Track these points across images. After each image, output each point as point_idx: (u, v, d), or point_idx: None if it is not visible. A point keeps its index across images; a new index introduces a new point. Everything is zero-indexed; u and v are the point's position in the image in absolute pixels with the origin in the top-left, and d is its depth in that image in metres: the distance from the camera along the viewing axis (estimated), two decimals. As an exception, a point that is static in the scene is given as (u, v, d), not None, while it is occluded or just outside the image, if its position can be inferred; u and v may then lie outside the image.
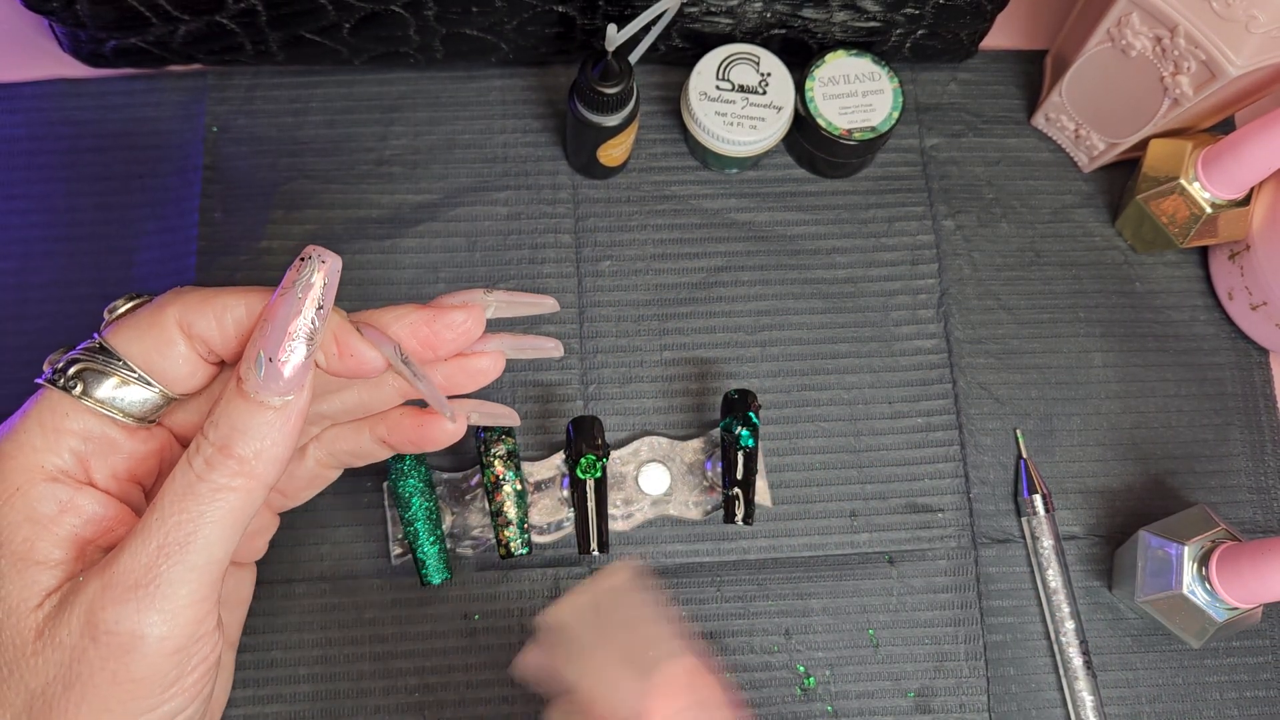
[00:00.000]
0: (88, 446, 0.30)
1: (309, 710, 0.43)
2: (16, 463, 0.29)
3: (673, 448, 0.46)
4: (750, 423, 0.42)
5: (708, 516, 0.45)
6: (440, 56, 0.48)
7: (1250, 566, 0.40)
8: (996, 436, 0.48)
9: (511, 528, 0.41)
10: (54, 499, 0.29)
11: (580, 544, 0.41)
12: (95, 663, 0.27)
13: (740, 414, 0.42)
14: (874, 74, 0.47)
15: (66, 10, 0.43)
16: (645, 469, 0.45)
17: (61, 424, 0.30)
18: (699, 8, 0.46)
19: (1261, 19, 0.38)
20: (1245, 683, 0.45)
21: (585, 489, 0.41)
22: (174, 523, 0.27)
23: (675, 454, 0.46)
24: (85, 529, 0.29)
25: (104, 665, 0.27)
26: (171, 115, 0.49)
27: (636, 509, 0.45)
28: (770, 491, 0.46)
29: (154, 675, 0.27)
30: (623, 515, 0.45)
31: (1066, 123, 0.50)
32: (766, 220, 0.50)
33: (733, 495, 0.41)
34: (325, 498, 0.45)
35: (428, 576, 0.41)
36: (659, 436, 0.46)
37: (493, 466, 0.41)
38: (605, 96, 0.42)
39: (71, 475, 0.30)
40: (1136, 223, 0.49)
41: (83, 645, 0.27)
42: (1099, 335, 0.49)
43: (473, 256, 0.48)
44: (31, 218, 0.48)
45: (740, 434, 0.42)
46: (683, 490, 0.45)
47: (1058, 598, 0.45)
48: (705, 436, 0.46)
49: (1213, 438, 0.48)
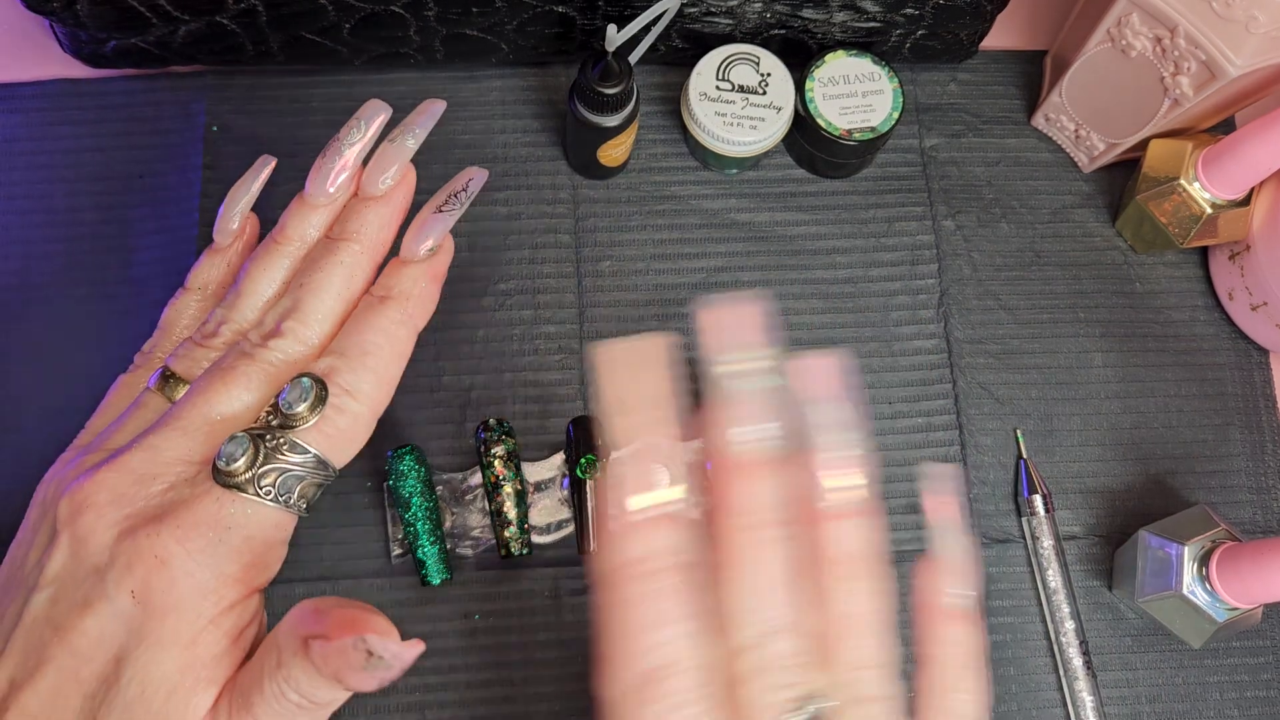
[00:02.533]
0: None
1: (309, 710, 0.43)
2: (257, 601, 0.30)
3: (673, 448, 0.46)
4: (591, 463, 0.42)
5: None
6: (440, 57, 0.48)
7: (1250, 567, 0.40)
8: (996, 436, 0.48)
9: (511, 528, 0.41)
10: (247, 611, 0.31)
11: (580, 544, 0.41)
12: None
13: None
14: (874, 74, 0.47)
15: (67, 10, 0.43)
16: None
17: (285, 538, 0.31)
18: (699, 8, 0.46)
19: (1261, 19, 0.38)
20: (1245, 683, 0.45)
21: (585, 489, 0.41)
22: None
23: (675, 454, 0.46)
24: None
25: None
26: (172, 115, 0.49)
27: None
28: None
29: None
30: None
31: (1066, 123, 0.50)
32: (766, 220, 0.50)
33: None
34: (325, 498, 0.45)
35: (428, 577, 0.41)
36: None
37: (493, 467, 0.41)
38: (605, 97, 0.42)
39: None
40: (1136, 223, 0.49)
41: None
42: (1099, 335, 0.49)
43: (472, 256, 0.48)
44: (32, 217, 0.48)
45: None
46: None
47: (1058, 598, 0.45)
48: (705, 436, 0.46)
49: (1213, 438, 0.48)
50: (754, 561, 0.26)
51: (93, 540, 0.29)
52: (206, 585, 0.28)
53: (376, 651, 0.26)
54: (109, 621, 0.28)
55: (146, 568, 0.28)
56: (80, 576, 0.29)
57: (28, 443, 0.45)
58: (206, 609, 0.29)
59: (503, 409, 0.46)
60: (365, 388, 0.32)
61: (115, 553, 0.29)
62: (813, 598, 0.26)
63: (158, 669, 0.28)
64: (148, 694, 0.28)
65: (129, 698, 0.28)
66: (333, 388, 0.31)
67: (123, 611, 0.28)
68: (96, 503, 0.30)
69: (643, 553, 0.26)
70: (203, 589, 0.28)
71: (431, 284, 0.34)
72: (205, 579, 0.28)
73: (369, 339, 0.32)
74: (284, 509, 0.30)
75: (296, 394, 0.30)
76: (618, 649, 0.25)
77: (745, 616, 0.25)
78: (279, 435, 0.30)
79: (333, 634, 0.27)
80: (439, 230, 0.34)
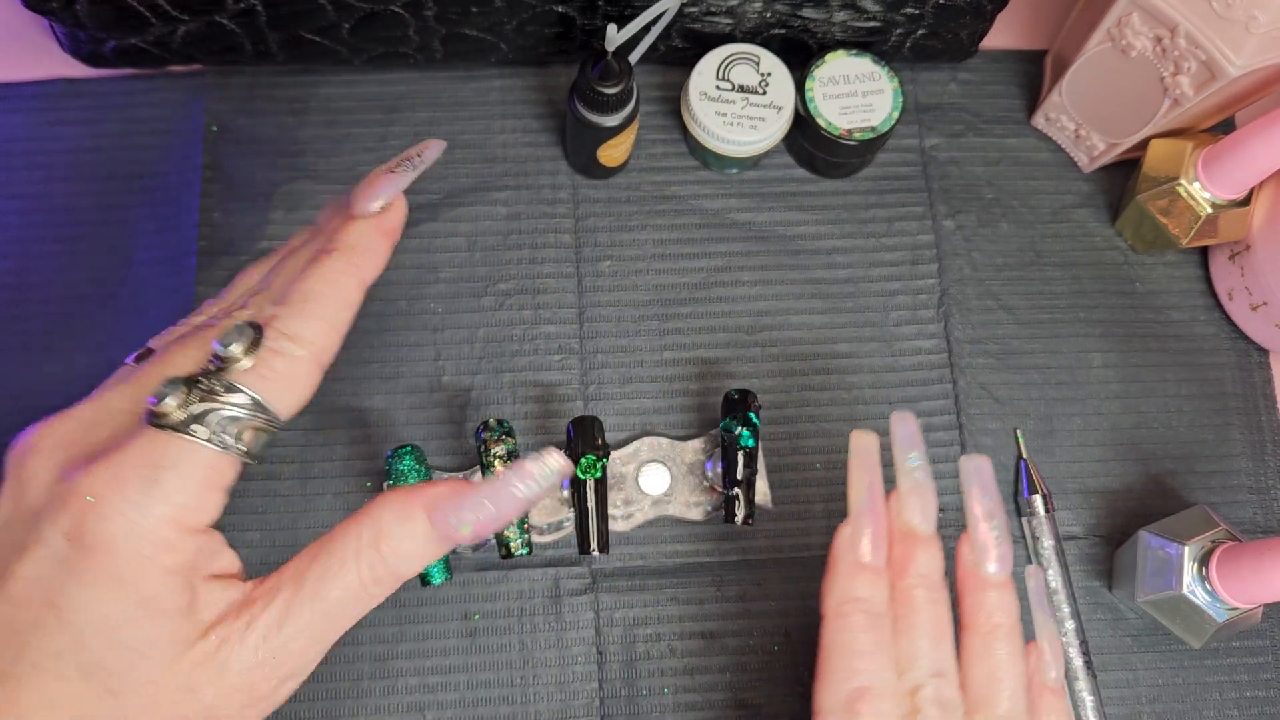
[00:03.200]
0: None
1: (308, 711, 0.43)
2: (199, 540, 0.31)
3: (673, 448, 0.46)
4: (750, 423, 0.42)
5: (708, 517, 0.45)
6: (440, 56, 0.48)
7: (1250, 566, 0.40)
8: (996, 437, 0.48)
9: (512, 528, 0.41)
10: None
11: (580, 544, 0.41)
12: None
13: (740, 414, 0.42)
14: (874, 74, 0.47)
15: (66, 10, 0.43)
16: (645, 469, 0.45)
17: (223, 483, 0.31)
18: (699, 8, 0.46)
19: (1261, 19, 0.38)
20: (1245, 683, 0.45)
21: (585, 489, 0.41)
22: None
23: (676, 454, 0.46)
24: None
25: None
26: (171, 115, 0.49)
27: (637, 509, 0.45)
28: (770, 493, 0.46)
29: None
30: (623, 515, 0.45)
31: (1066, 123, 0.50)
32: (766, 220, 0.50)
33: (733, 496, 0.41)
34: (325, 498, 0.45)
35: (429, 577, 0.41)
36: (659, 437, 0.46)
37: (492, 467, 0.41)
38: (605, 97, 0.42)
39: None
40: (1136, 223, 0.49)
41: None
42: (1099, 335, 0.49)
43: (472, 256, 0.48)
44: (31, 217, 0.48)
45: (740, 434, 0.42)
46: (683, 490, 0.45)
47: (1058, 598, 0.45)
48: (706, 436, 0.46)
49: (1213, 438, 0.48)
50: (927, 615, 0.33)
51: (33, 484, 0.30)
52: (139, 525, 0.29)
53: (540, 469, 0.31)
54: (43, 564, 0.29)
55: (80, 507, 0.28)
56: (20, 521, 0.29)
57: (27, 443, 0.45)
58: (144, 549, 0.29)
59: (503, 409, 0.46)
60: (306, 333, 0.32)
61: (52, 494, 0.29)
62: (970, 652, 0.33)
63: (100, 608, 0.28)
64: (98, 633, 0.28)
65: (77, 638, 0.28)
66: (271, 332, 0.31)
67: (57, 553, 0.28)
68: (41, 448, 0.30)
69: (867, 595, 0.33)
70: (135, 529, 0.29)
71: (380, 238, 0.35)
72: (136, 519, 0.29)
73: (311, 286, 0.33)
74: (220, 450, 0.30)
75: (231, 336, 0.30)
76: (835, 667, 0.32)
77: (918, 660, 0.32)
78: (215, 379, 0.30)
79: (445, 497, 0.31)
80: (388, 190, 0.35)
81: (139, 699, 0.29)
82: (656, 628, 0.44)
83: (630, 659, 0.44)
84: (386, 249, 0.35)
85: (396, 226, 0.35)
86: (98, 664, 0.29)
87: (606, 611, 0.45)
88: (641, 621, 0.45)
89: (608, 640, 0.44)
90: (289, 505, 0.45)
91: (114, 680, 0.29)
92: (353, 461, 0.46)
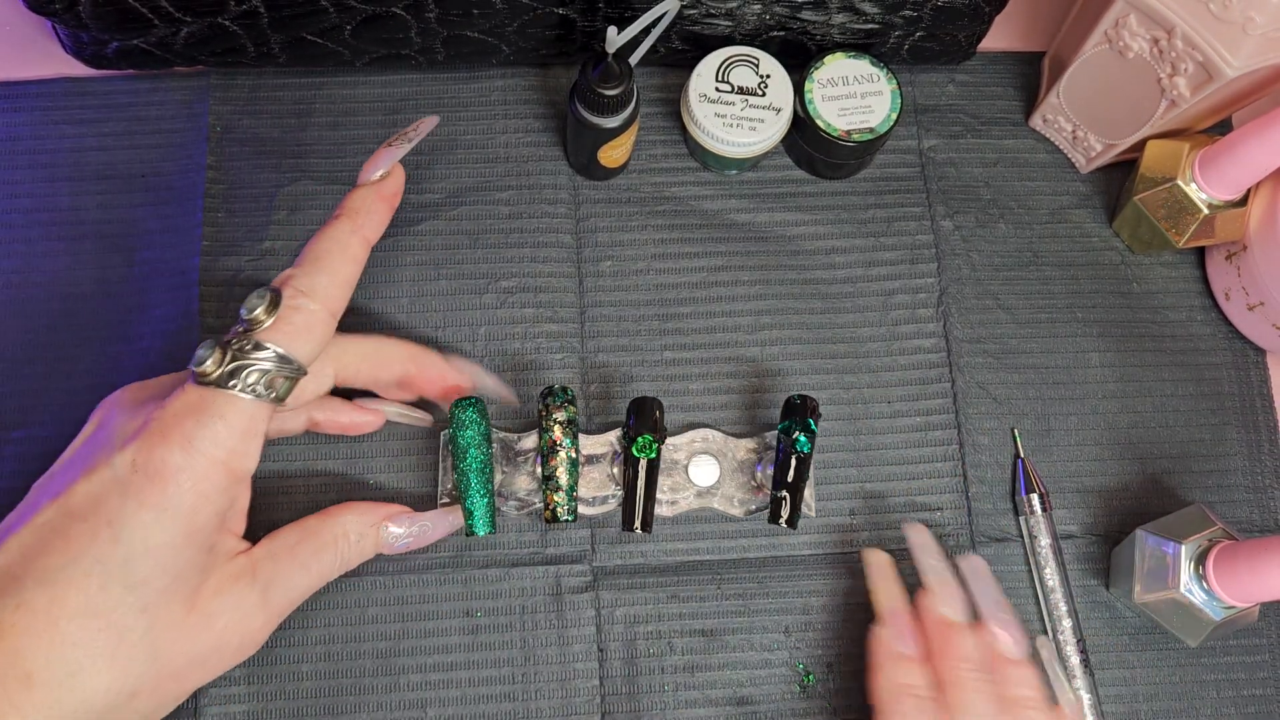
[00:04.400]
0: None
1: (311, 707, 0.43)
2: (236, 490, 0.36)
3: (725, 443, 0.46)
4: (809, 429, 0.42)
5: (749, 515, 0.46)
6: (442, 58, 0.49)
7: (1247, 565, 0.40)
8: (994, 436, 0.48)
9: (561, 493, 0.41)
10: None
11: (625, 520, 0.41)
12: None
13: (800, 419, 0.42)
14: (872, 76, 0.47)
15: (68, 11, 0.43)
16: (696, 460, 0.45)
17: (261, 430, 0.36)
18: (698, 10, 0.46)
19: (1258, 20, 0.39)
20: (1242, 681, 0.46)
21: (638, 467, 0.41)
22: None
23: (728, 450, 0.46)
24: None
25: None
26: (175, 115, 0.49)
27: (682, 497, 0.45)
28: (815, 504, 0.46)
29: None
30: (669, 501, 0.45)
31: (1064, 124, 0.50)
32: (766, 221, 0.50)
33: (780, 497, 0.42)
34: (329, 494, 0.45)
35: (474, 527, 0.41)
36: (714, 430, 0.46)
37: (551, 431, 0.42)
38: (605, 98, 0.42)
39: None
40: (1134, 223, 0.49)
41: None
42: (1096, 335, 0.50)
43: (474, 255, 0.49)
44: (35, 216, 0.48)
45: (798, 439, 0.42)
46: (729, 486, 0.46)
47: (1055, 596, 0.45)
48: (758, 437, 0.46)
49: (1210, 437, 0.49)
50: (972, 690, 0.38)
51: (111, 423, 0.36)
52: (196, 464, 0.33)
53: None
54: (106, 485, 0.33)
55: (149, 441, 0.33)
56: (93, 449, 0.35)
57: (31, 441, 0.45)
58: (200, 485, 0.34)
59: (502, 408, 0.47)
60: (318, 288, 0.36)
61: (124, 429, 0.35)
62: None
63: (152, 532, 0.33)
64: (147, 553, 0.33)
65: (127, 554, 0.33)
66: (288, 290, 0.36)
67: (120, 476, 0.33)
68: (122, 400, 0.37)
69: (914, 681, 0.38)
70: (193, 466, 0.33)
71: (380, 202, 0.40)
72: (195, 457, 0.33)
73: (321, 247, 0.38)
74: (255, 399, 0.35)
75: (254, 301, 0.35)
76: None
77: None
78: (244, 338, 0.35)
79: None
80: (386, 161, 0.40)
81: (168, 617, 0.34)
82: (657, 625, 0.45)
83: (631, 656, 0.44)
84: (386, 211, 0.40)
85: (395, 192, 0.40)
86: (141, 581, 0.33)
87: (608, 609, 0.45)
88: (642, 619, 0.45)
89: (609, 638, 0.44)
90: (292, 505, 0.45)
91: (151, 598, 0.34)
92: (355, 461, 0.46)
